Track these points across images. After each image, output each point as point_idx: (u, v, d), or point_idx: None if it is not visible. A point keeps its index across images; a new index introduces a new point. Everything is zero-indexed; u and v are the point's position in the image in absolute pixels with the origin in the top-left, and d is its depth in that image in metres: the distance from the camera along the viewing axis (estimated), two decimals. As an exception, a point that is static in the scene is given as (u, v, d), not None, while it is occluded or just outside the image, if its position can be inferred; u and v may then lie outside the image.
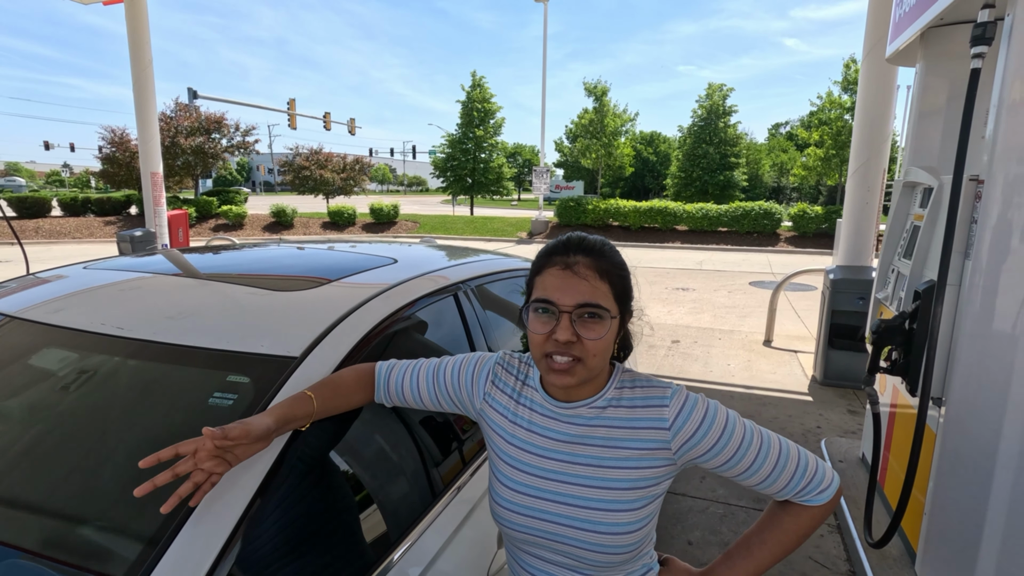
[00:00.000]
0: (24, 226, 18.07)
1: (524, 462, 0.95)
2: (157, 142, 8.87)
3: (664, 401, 0.90)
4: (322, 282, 1.43)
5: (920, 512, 2.24)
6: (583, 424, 0.93)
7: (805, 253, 16.39)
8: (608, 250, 0.91)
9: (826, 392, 4.76)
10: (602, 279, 0.87)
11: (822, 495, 0.92)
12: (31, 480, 0.94)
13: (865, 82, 4.74)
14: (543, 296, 0.87)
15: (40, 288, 1.45)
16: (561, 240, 0.91)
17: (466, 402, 1.05)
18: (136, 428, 1.00)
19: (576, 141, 26.21)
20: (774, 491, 0.92)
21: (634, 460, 0.89)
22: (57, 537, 0.85)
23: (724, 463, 0.90)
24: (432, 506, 1.23)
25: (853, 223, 5.00)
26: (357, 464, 1.13)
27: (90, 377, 1.10)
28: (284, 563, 0.91)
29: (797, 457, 0.92)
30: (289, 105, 23.80)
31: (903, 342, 2.20)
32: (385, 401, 1.09)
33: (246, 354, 1.07)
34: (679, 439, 0.88)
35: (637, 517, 0.89)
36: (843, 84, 22.04)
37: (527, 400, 0.99)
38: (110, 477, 0.92)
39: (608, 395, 0.93)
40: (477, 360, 1.06)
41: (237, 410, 0.97)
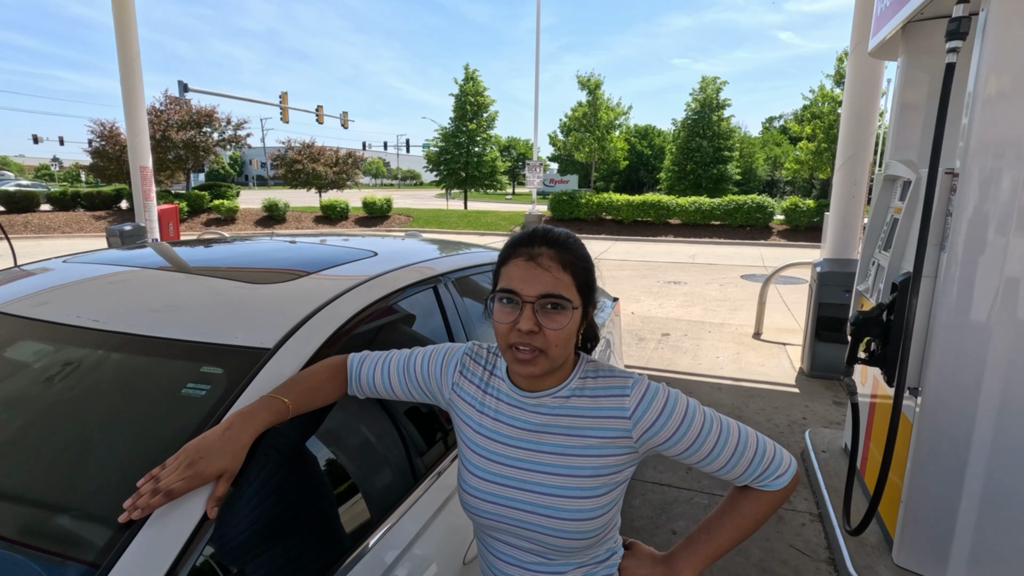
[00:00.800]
0: (12, 221, 17.92)
1: (490, 451, 0.97)
2: (146, 135, 8.80)
3: (625, 391, 0.92)
4: (300, 275, 1.44)
5: (896, 499, 2.28)
6: (547, 413, 0.94)
7: (797, 247, 16.49)
8: (572, 243, 0.92)
9: (813, 384, 4.81)
10: (565, 271, 0.89)
11: (779, 480, 0.95)
12: (3, 470, 0.95)
13: (852, 77, 4.77)
14: (507, 286, 0.88)
15: (16, 282, 1.45)
16: (527, 232, 0.93)
17: (436, 392, 1.06)
18: (110, 419, 1.01)
19: (570, 135, 26.19)
20: (733, 476, 0.95)
21: (596, 448, 0.91)
22: (30, 525, 0.86)
23: (684, 450, 0.92)
24: (410, 492, 1.25)
25: (840, 216, 5.04)
26: (331, 450, 1.15)
27: (64, 370, 1.11)
28: (257, 550, 0.92)
29: (755, 443, 0.94)
30: (281, 98, 23.62)
31: (880, 333, 2.23)
32: (358, 393, 1.11)
33: (220, 345, 1.09)
34: (640, 428, 0.90)
35: (599, 504, 0.91)
36: (835, 78, 22.11)
37: (494, 390, 1.00)
38: (83, 468, 0.93)
39: (572, 385, 0.95)
40: (446, 351, 1.08)
41: (209, 400, 0.99)
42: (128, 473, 0.87)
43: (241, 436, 0.88)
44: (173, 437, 0.93)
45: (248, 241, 1.98)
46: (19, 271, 1.58)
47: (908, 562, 2.26)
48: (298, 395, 0.99)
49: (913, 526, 2.23)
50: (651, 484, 3.19)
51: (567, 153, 30.19)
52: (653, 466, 3.35)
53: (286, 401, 0.96)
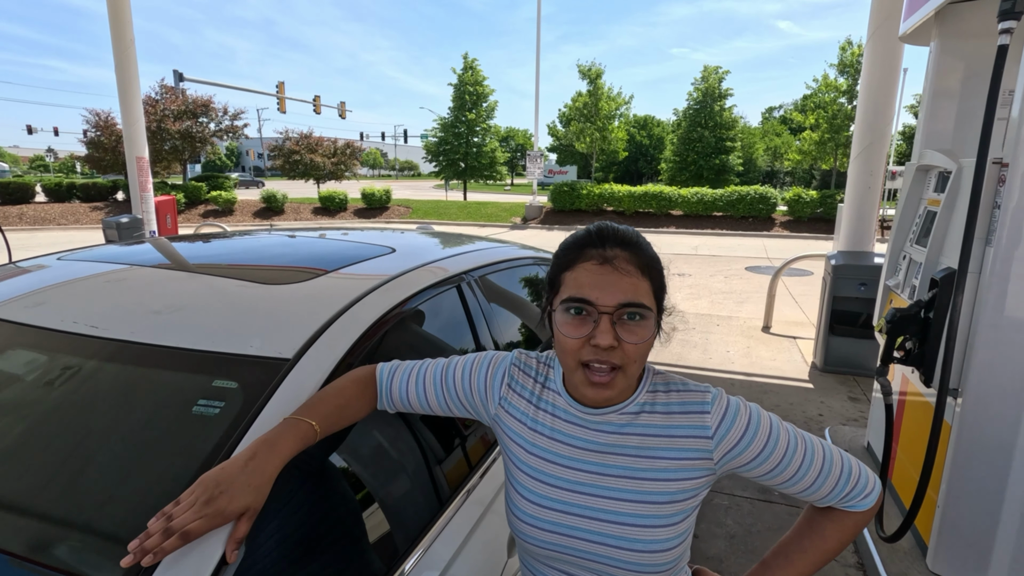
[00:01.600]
0: (7, 212, 17.70)
1: (548, 473, 0.86)
2: (142, 125, 8.63)
3: (705, 407, 0.83)
4: (316, 273, 1.33)
5: (932, 505, 2.19)
6: (614, 432, 0.84)
7: (800, 238, 16.38)
8: (644, 242, 0.83)
9: (827, 379, 4.72)
10: (643, 275, 0.79)
11: (866, 500, 0.87)
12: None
13: (870, 64, 4.63)
14: (578, 295, 0.77)
15: (6, 282, 1.33)
16: (592, 231, 0.82)
17: (479, 407, 0.96)
18: (109, 442, 0.90)
19: (570, 125, 25.92)
20: (817, 498, 0.86)
21: (672, 471, 0.82)
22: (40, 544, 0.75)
23: (768, 472, 0.83)
24: (442, 512, 1.15)
25: (855, 208, 4.93)
26: (359, 469, 1.05)
27: (57, 383, 1.00)
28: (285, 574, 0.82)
29: (840, 462, 0.86)
30: (278, 88, 23.32)
31: (918, 332, 2.13)
32: (388, 407, 1.00)
33: (233, 355, 0.97)
34: (722, 448, 0.81)
35: (676, 532, 0.81)
36: (839, 67, 21.88)
37: (548, 404, 0.90)
38: (78, 502, 0.82)
39: (640, 399, 0.85)
40: (490, 361, 0.97)
41: (225, 419, 0.88)
42: (132, 508, 0.77)
43: (266, 467, 0.77)
44: (184, 464, 0.82)
45: (255, 236, 1.86)
46: (13, 268, 1.46)
47: (944, 569, 2.18)
48: (325, 415, 0.88)
49: (950, 532, 2.14)
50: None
51: (566, 143, 29.95)
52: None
53: (313, 424, 0.85)
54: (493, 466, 1.35)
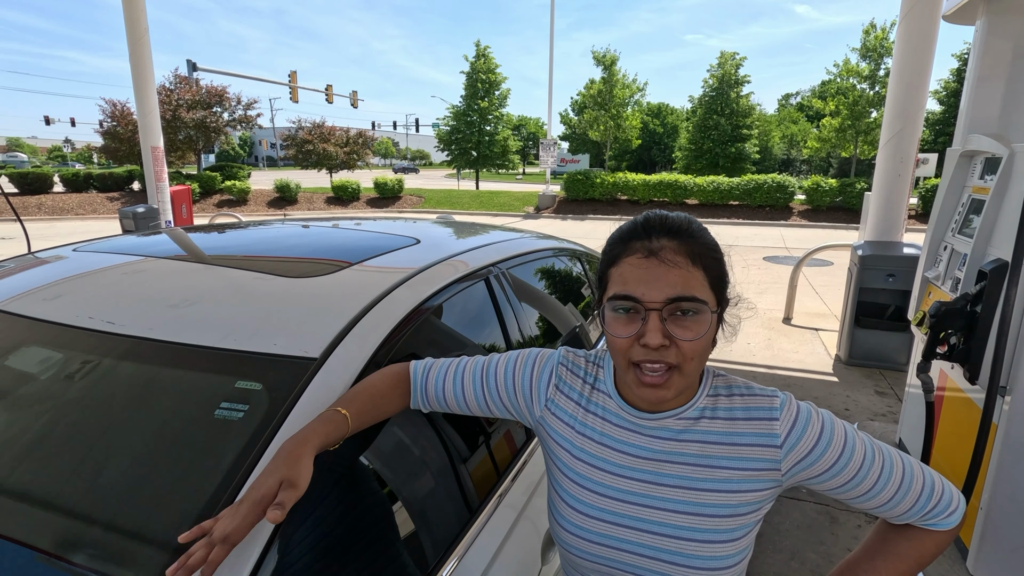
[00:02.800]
0: (26, 202, 17.91)
1: (597, 481, 0.80)
2: (156, 115, 8.62)
3: (773, 413, 0.75)
4: (340, 266, 1.26)
5: (974, 505, 2.10)
6: (670, 438, 0.77)
7: (819, 227, 16.08)
8: (697, 228, 0.75)
9: (852, 372, 4.60)
10: (695, 264, 0.71)
11: (951, 518, 0.79)
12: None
13: (902, 45, 4.45)
14: (623, 291, 0.71)
15: (22, 275, 1.28)
16: (639, 221, 0.74)
17: (523, 409, 0.89)
18: (124, 446, 0.84)
19: (583, 112, 25.60)
20: (895, 514, 0.79)
21: (735, 482, 0.75)
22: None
23: (841, 485, 0.75)
24: (474, 518, 1.09)
25: (884, 196, 4.77)
26: (389, 476, 0.99)
27: (71, 383, 0.94)
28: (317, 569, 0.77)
29: (922, 476, 0.78)
30: (290, 78, 23.29)
31: (964, 326, 2.03)
32: (423, 406, 0.93)
33: (256, 355, 0.91)
34: (791, 458, 0.74)
35: (737, 548, 0.75)
36: (862, 51, 21.30)
37: (597, 407, 0.83)
38: (87, 522, 0.77)
39: (700, 404, 0.78)
40: (536, 359, 0.90)
41: (249, 425, 0.82)
42: (145, 517, 0.71)
43: (296, 450, 0.72)
44: (207, 472, 0.76)
45: (273, 226, 1.80)
46: (32, 259, 1.42)
47: (985, 572, 2.09)
48: (359, 409, 0.83)
49: (993, 536, 2.05)
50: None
51: (579, 132, 29.61)
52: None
53: (345, 413, 0.79)
54: (524, 468, 1.28)
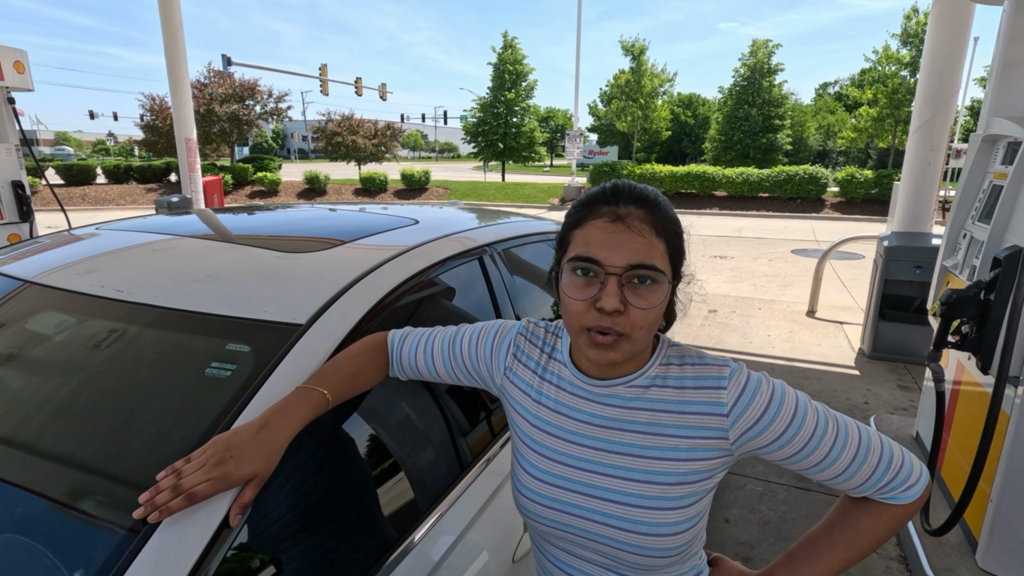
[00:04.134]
0: (71, 193, 18.71)
1: (551, 448, 0.83)
2: (190, 108, 8.90)
3: (721, 382, 0.76)
4: (335, 243, 1.32)
5: (984, 498, 2.06)
6: (621, 406, 0.80)
7: (852, 220, 15.61)
8: (663, 202, 0.76)
9: (875, 366, 4.50)
10: (658, 236, 0.73)
11: (910, 491, 0.78)
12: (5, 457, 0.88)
13: (935, 28, 4.30)
14: (585, 253, 0.72)
15: (46, 251, 1.39)
16: (607, 187, 0.76)
17: (486, 377, 0.93)
18: (125, 402, 0.92)
19: (611, 103, 25.33)
20: (851, 487, 0.78)
21: (683, 451, 0.76)
22: (38, 515, 0.78)
23: (792, 455, 0.76)
24: (457, 481, 1.14)
25: (912, 186, 4.62)
26: (370, 435, 1.04)
27: (81, 344, 1.03)
28: (292, 545, 0.83)
29: (880, 448, 0.77)
30: (321, 71, 23.64)
31: (977, 314, 1.98)
32: (400, 375, 0.99)
33: (247, 320, 0.98)
34: (739, 427, 0.75)
35: (685, 516, 0.76)
36: (902, 37, 20.50)
37: (553, 376, 0.86)
38: (92, 457, 0.84)
39: (651, 372, 0.79)
40: (497, 330, 0.94)
41: (235, 382, 0.88)
42: (141, 465, 0.78)
43: (278, 436, 0.77)
44: (194, 423, 0.83)
45: (279, 209, 1.88)
46: (66, 236, 1.53)
47: (995, 567, 2.05)
48: (337, 383, 0.87)
49: (1004, 528, 2.01)
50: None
51: (607, 123, 29.31)
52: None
53: (324, 392, 0.84)
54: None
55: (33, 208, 5.33)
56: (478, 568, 1.07)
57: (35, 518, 0.76)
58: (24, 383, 1.00)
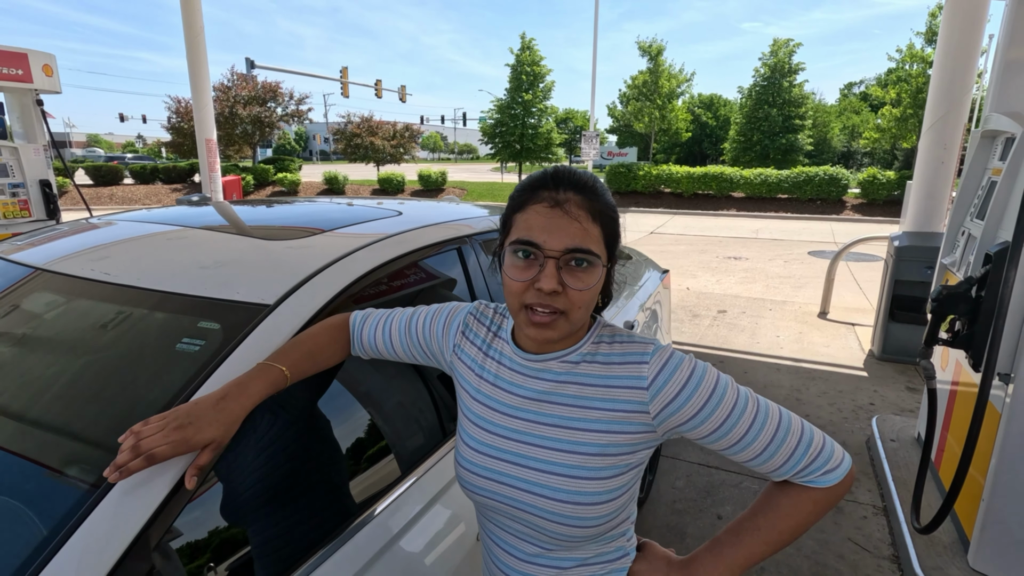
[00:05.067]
0: (99, 193, 19.28)
1: (487, 420, 0.87)
2: (211, 109, 9.13)
3: (643, 358, 0.79)
4: (316, 232, 1.38)
5: (977, 497, 2.04)
6: (552, 380, 0.83)
7: (873, 221, 15.30)
8: (601, 188, 0.79)
9: (883, 367, 4.43)
10: (595, 221, 0.76)
11: (828, 476, 0.79)
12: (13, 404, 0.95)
13: (948, 23, 4.22)
14: (526, 237, 0.76)
15: (51, 241, 1.47)
16: (548, 172, 0.79)
17: (437, 354, 0.97)
18: (101, 372, 0.99)
19: (629, 104, 25.21)
20: (770, 469, 0.80)
21: (605, 423, 0.80)
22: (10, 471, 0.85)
23: (710, 433, 0.78)
24: (423, 459, 1.19)
25: (925, 185, 4.55)
26: (338, 410, 1.10)
27: (71, 318, 1.12)
28: (255, 510, 0.88)
29: (800, 431, 0.79)
30: (342, 73, 24.00)
31: (968, 311, 1.96)
32: (361, 354, 1.03)
33: (220, 300, 1.04)
34: (658, 402, 0.77)
35: (605, 488, 0.79)
36: (927, 35, 20.04)
37: (495, 352, 0.90)
38: (65, 420, 0.92)
39: (583, 349, 0.83)
40: (450, 310, 0.98)
41: (202, 356, 0.94)
42: (108, 428, 0.84)
43: (235, 408, 0.82)
44: (162, 393, 0.89)
45: (276, 203, 1.95)
46: (85, 223, 1.61)
47: (986, 566, 2.02)
48: (296, 361, 0.92)
49: (995, 527, 1.98)
50: (696, 465, 3.03)
51: (625, 124, 29.16)
52: (698, 445, 3.18)
53: (283, 369, 0.89)
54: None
55: (60, 207, 5.57)
56: (446, 542, 1.11)
57: (7, 475, 0.83)
58: (12, 358, 1.07)
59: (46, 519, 0.75)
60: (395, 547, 1.03)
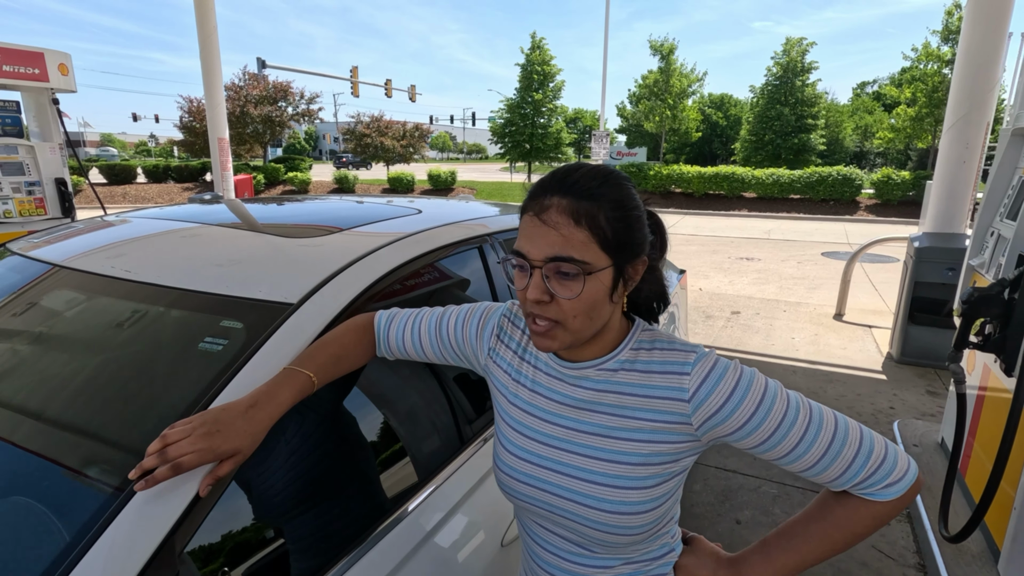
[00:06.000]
0: (113, 192, 19.47)
1: (527, 425, 0.85)
2: (223, 108, 9.17)
3: (685, 368, 0.76)
4: (336, 230, 1.36)
5: (1008, 505, 1.98)
6: (591, 388, 0.81)
7: (887, 222, 15.12)
8: (595, 185, 0.72)
9: (903, 371, 4.36)
10: (579, 225, 0.70)
11: (891, 488, 0.74)
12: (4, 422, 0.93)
13: (971, 19, 4.14)
14: (516, 247, 0.75)
15: (69, 238, 1.46)
16: (545, 178, 0.76)
17: (471, 357, 0.95)
18: (122, 373, 0.98)
19: (639, 103, 25.10)
20: (827, 480, 0.75)
21: (647, 432, 0.77)
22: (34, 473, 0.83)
23: (760, 443, 0.74)
24: (451, 460, 1.17)
25: (946, 185, 4.46)
26: (365, 408, 1.08)
27: (92, 316, 1.10)
28: (288, 510, 0.86)
29: (859, 438, 0.74)
30: (352, 73, 24.05)
31: (1001, 314, 1.90)
32: (387, 355, 1.01)
33: (242, 299, 1.02)
34: (702, 413, 0.74)
35: (648, 496, 0.76)
36: (943, 34, 19.79)
37: (532, 357, 0.88)
38: (87, 423, 0.90)
39: (621, 356, 0.80)
40: (483, 312, 0.96)
41: (226, 356, 0.92)
42: (130, 431, 0.82)
43: (263, 417, 0.80)
44: (185, 394, 0.87)
45: (289, 200, 1.93)
46: (101, 221, 1.60)
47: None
48: (322, 365, 0.89)
49: (1027, 537, 1.92)
50: (714, 469, 2.99)
51: (636, 124, 29.03)
52: (716, 449, 3.13)
53: (310, 375, 0.87)
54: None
55: (75, 205, 5.60)
56: (469, 548, 1.08)
57: (30, 476, 0.81)
58: (33, 356, 1.06)
59: (69, 523, 0.73)
60: (429, 543, 1.01)
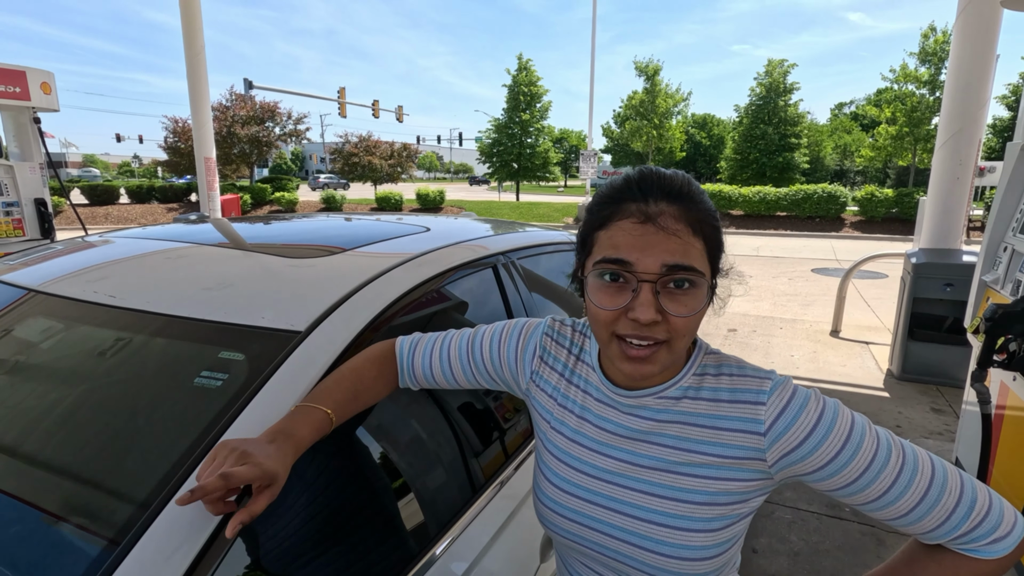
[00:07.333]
0: (95, 212, 19.12)
1: (574, 456, 0.75)
2: (210, 128, 9.06)
3: (760, 397, 0.66)
4: (342, 250, 1.26)
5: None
6: (650, 418, 0.71)
7: (873, 239, 15.34)
8: (696, 191, 0.66)
9: (904, 387, 4.31)
10: (696, 234, 0.63)
11: (997, 545, 0.63)
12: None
13: (960, 39, 4.20)
14: (614, 255, 0.63)
15: (46, 260, 1.34)
16: (633, 178, 0.66)
17: (510, 380, 0.85)
18: (112, 405, 0.86)
19: (625, 124, 25.41)
20: (919, 531, 0.65)
21: (715, 468, 0.67)
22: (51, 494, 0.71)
23: (845, 485, 0.64)
24: (470, 504, 1.05)
25: (940, 202, 4.48)
26: (389, 451, 0.96)
27: (69, 349, 0.97)
28: (308, 556, 0.75)
29: (959, 485, 0.64)
30: (339, 94, 24.13)
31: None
32: (411, 384, 0.90)
33: (244, 327, 0.91)
34: (778, 449, 0.65)
35: (714, 540, 0.67)
36: (920, 55, 20.39)
37: (580, 379, 0.78)
38: (83, 452, 0.78)
39: (684, 383, 0.70)
40: (522, 330, 0.85)
41: (226, 393, 0.80)
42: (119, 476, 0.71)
43: (288, 450, 0.68)
44: (180, 435, 0.76)
45: (285, 217, 1.83)
46: (83, 242, 1.49)
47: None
48: (340, 401, 0.78)
49: (1062, 565, 1.84)
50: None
51: (622, 142, 29.36)
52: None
53: (327, 411, 0.75)
54: (529, 458, 1.23)
55: (55, 226, 5.43)
56: None
57: (16, 525, 0.69)
58: (12, 390, 0.93)
59: None
60: None
